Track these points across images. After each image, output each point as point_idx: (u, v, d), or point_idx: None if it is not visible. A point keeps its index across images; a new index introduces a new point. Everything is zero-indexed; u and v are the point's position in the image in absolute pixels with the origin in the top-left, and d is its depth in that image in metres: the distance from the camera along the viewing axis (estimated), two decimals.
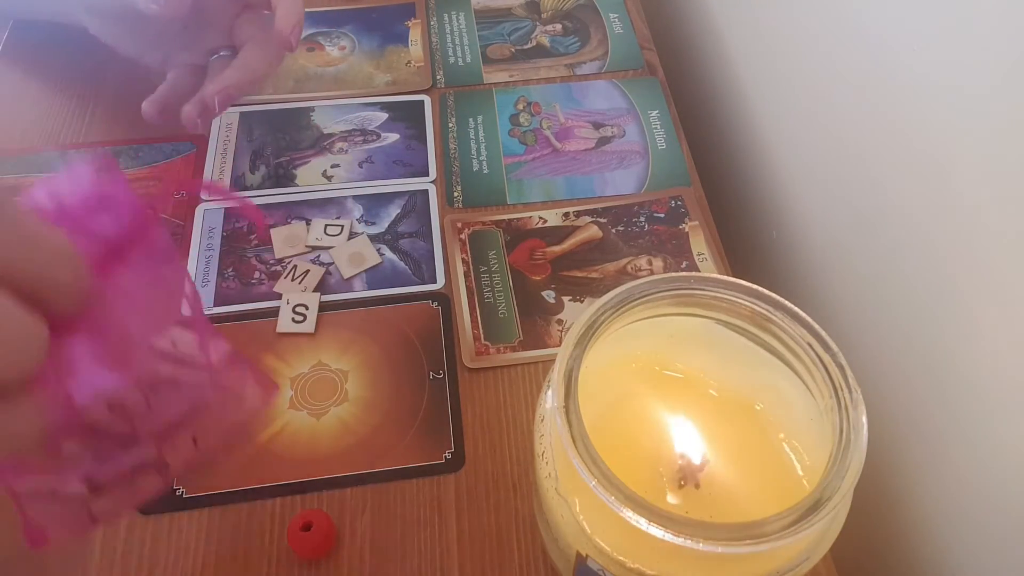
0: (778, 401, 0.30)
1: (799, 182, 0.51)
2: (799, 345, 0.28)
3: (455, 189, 0.52)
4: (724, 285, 0.29)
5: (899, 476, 0.42)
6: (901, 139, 0.39)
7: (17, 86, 0.57)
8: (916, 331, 0.40)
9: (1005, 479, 0.34)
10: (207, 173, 0.52)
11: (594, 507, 0.26)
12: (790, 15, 0.50)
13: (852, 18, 0.42)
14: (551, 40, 0.62)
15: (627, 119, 0.56)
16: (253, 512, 0.39)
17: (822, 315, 0.31)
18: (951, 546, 0.39)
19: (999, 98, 0.32)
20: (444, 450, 0.41)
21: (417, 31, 0.62)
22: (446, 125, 0.56)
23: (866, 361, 0.42)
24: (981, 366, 0.35)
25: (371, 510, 0.39)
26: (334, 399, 0.42)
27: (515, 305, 0.46)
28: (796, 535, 0.24)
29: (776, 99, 0.53)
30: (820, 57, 0.46)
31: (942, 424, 0.38)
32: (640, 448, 0.30)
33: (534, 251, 0.49)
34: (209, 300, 0.46)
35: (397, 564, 0.37)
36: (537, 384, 0.43)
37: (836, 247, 0.47)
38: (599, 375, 0.29)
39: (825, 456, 0.26)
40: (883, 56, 0.40)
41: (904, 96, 0.38)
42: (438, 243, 0.49)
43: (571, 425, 0.26)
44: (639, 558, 0.26)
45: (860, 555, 0.45)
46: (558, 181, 0.53)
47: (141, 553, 0.37)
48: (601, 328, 0.28)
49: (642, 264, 0.48)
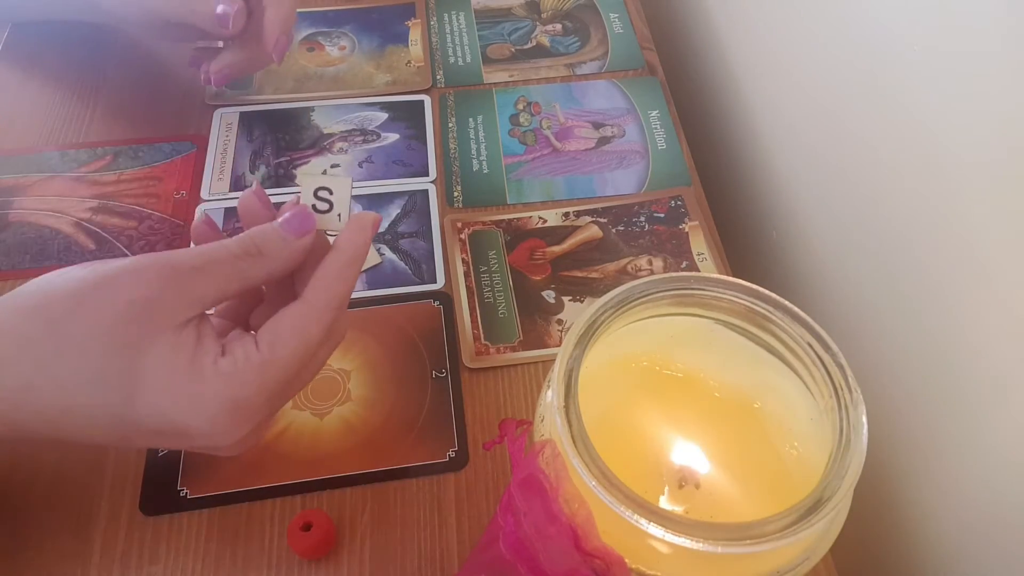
0: (778, 401, 0.30)
1: (799, 182, 0.51)
2: (799, 345, 0.28)
3: (455, 189, 0.52)
4: (724, 285, 0.29)
5: (899, 476, 0.42)
6: (901, 138, 0.39)
7: (17, 86, 0.57)
8: (916, 331, 0.40)
9: (1005, 479, 0.34)
10: (207, 173, 0.52)
11: (594, 507, 0.26)
12: (790, 15, 0.50)
13: (852, 18, 0.42)
14: (551, 40, 0.62)
15: (627, 119, 0.56)
16: (253, 512, 0.39)
17: (822, 315, 0.31)
18: (951, 546, 0.39)
19: (999, 98, 0.32)
20: (447, 449, 0.41)
21: (417, 31, 0.62)
22: (446, 125, 0.56)
23: (866, 361, 0.42)
24: (981, 366, 0.35)
25: (371, 510, 0.39)
26: (337, 399, 0.42)
27: (515, 305, 0.46)
28: (796, 535, 0.24)
29: (776, 99, 0.53)
30: (820, 57, 0.46)
31: (942, 424, 0.38)
32: (640, 448, 0.30)
33: (534, 251, 0.49)
34: None
35: (397, 564, 0.37)
36: (537, 384, 0.43)
37: (836, 247, 0.47)
38: (599, 375, 0.29)
39: (825, 456, 0.26)
40: (883, 56, 0.40)
41: (904, 96, 0.38)
42: (438, 243, 0.49)
43: (571, 425, 0.26)
44: (639, 558, 0.26)
45: (860, 555, 0.45)
46: (558, 181, 0.53)
47: (141, 553, 0.37)
48: (601, 328, 0.28)
49: (642, 264, 0.48)
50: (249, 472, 0.39)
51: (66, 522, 0.38)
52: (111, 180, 0.52)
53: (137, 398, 0.28)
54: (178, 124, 0.55)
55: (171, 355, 0.28)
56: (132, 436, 0.30)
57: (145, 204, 0.51)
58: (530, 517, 0.25)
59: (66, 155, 0.53)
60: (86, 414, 0.29)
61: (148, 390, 0.28)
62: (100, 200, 0.50)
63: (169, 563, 0.37)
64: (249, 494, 0.39)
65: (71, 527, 0.38)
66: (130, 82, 0.58)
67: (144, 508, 0.38)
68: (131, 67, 0.58)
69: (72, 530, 0.38)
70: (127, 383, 0.28)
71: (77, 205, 0.50)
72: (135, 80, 0.58)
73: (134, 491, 0.39)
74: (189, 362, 0.29)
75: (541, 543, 0.25)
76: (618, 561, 0.25)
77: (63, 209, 0.50)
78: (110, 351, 0.28)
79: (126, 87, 0.57)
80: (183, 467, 0.40)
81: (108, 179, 0.52)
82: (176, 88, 0.57)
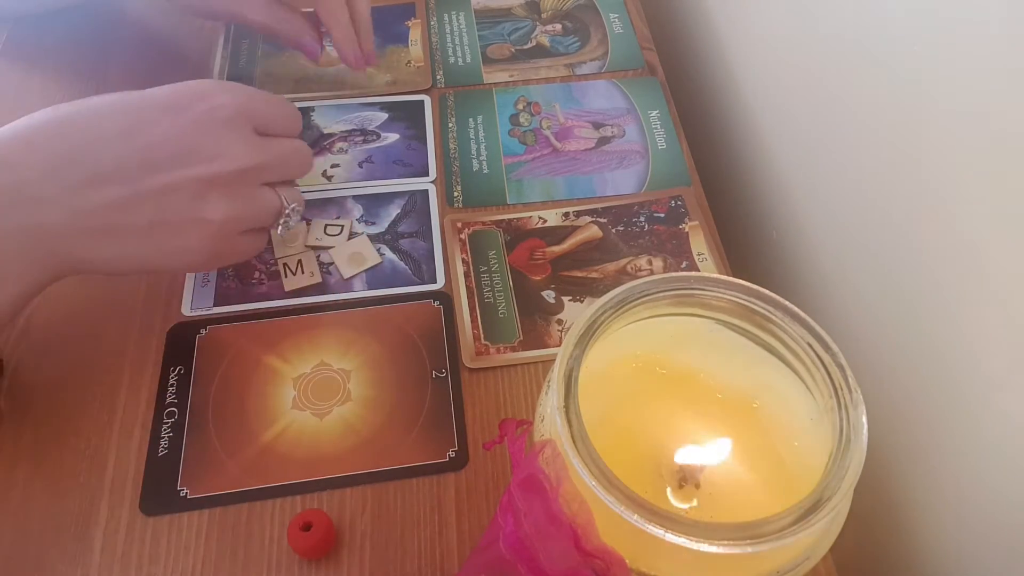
0: (778, 401, 0.30)
1: (799, 182, 0.51)
2: (799, 345, 0.28)
3: (455, 189, 0.52)
4: (724, 285, 0.29)
5: (899, 476, 0.42)
6: (901, 138, 0.39)
7: (18, 85, 0.57)
8: (916, 331, 0.40)
9: (1005, 478, 0.34)
10: None
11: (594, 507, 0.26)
12: (790, 15, 0.50)
13: (852, 17, 0.42)
14: (551, 40, 0.62)
15: (627, 119, 0.56)
16: (253, 512, 0.39)
17: (822, 315, 0.31)
18: (950, 545, 0.39)
19: (1000, 98, 0.32)
20: (447, 449, 0.41)
21: (417, 31, 0.62)
22: (446, 125, 0.56)
23: (866, 361, 0.42)
24: (981, 365, 0.35)
25: (371, 510, 0.39)
26: (337, 399, 0.42)
27: (515, 305, 0.46)
28: (796, 535, 0.24)
29: (776, 99, 0.53)
30: (820, 57, 0.46)
31: (942, 423, 0.38)
32: (640, 448, 0.30)
33: (534, 251, 0.49)
34: (209, 300, 0.46)
35: (397, 564, 0.37)
36: (537, 384, 0.43)
37: (836, 247, 0.47)
38: (599, 375, 0.29)
39: (825, 456, 0.26)
40: (883, 56, 0.40)
41: (904, 95, 0.38)
42: (438, 243, 0.49)
43: (571, 425, 0.26)
44: (639, 558, 0.26)
45: (860, 555, 0.45)
46: (558, 181, 0.53)
47: (141, 553, 0.37)
48: (601, 328, 0.28)
49: (642, 264, 0.48)
50: (249, 472, 0.40)
51: (66, 522, 0.38)
52: None
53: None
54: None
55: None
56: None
57: None
58: (530, 517, 0.25)
59: None
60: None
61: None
62: None
63: (169, 563, 0.37)
64: (249, 494, 0.39)
65: (71, 527, 0.38)
66: (131, 81, 0.57)
67: (144, 508, 0.39)
68: (132, 66, 0.58)
69: (72, 530, 0.38)
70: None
71: None
72: (136, 79, 0.57)
73: (134, 491, 0.39)
74: None
75: (541, 543, 0.25)
76: (618, 561, 0.25)
77: None
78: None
79: (127, 86, 0.57)
80: (183, 467, 0.40)
81: None
82: None
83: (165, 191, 0.38)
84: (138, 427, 0.41)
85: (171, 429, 0.41)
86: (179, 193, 0.38)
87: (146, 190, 0.37)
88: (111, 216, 0.37)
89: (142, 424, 0.41)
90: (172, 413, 0.42)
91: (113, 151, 0.37)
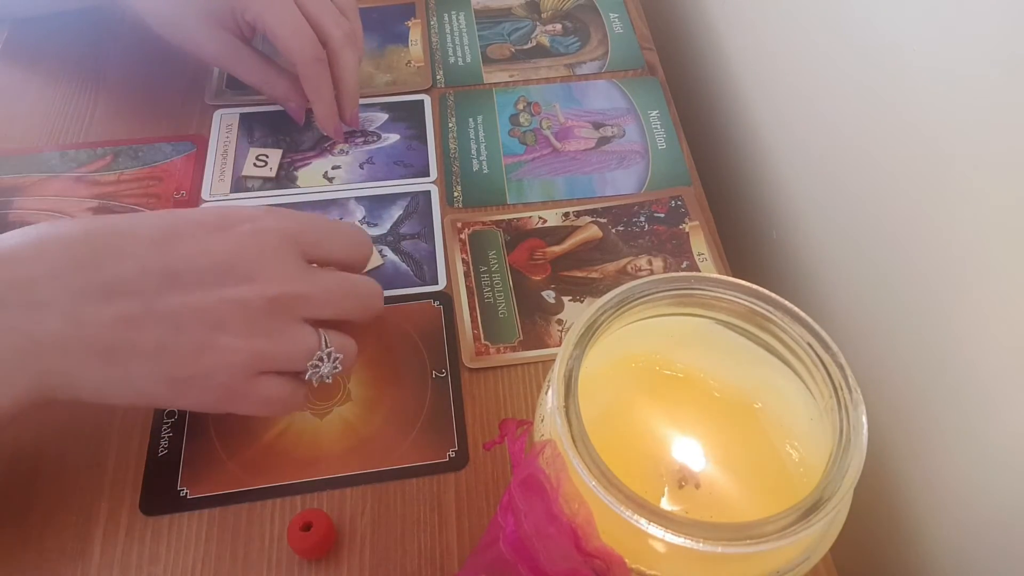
0: (778, 401, 0.30)
1: (799, 182, 0.51)
2: (799, 345, 0.28)
3: (455, 189, 0.52)
4: (724, 285, 0.29)
5: (899, 476, 0.42)
6: (902, 138, 0.39)
7: (17, 86, 0.57)
8: (917, 331, 0.40)
9: (1005, 478, 0.34)
10: (208, 174, 0.52)
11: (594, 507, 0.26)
12: (790, 15, 0.50)
13: (852, 17, 0.42)
14: (551, 40, 0.62)
15: (627, 119, 0.56)
16: (253, 512, 0.39)
17: (822, 315, 0.31)
18: (950, 545, 0.39)
19: (1000, 96, 0.32)
20: (447, 449, 0.41)
21: (417, 31, 0.62)
22: (446, 125, 0.56)
23: (866, 361, 0.42)
24: (982, 365, 0.35)
25: (371, 510, 0.39)
26: (337, 399, 0.42)
27: (515, 305, 0.46)
28: (796, 535, 0.24)
29: (776, 98, 0.53)
30: (820, 56, 0.46)
31: (942, 424, 0.38)
32: (640, 448, 0.30)
33: (534, 251, 0.49)
34: None
35: (397, 564, 0.37)
36: (537, 384, 0.43)
37: (836, 247, 0.47)
38: (599, 375, 0.29)
39: (825, 456, 0.26)
40: (883, 55, 0.40)
41: (904, 95, 0.38)
42: (440, 245, 0.49)
43: (571, 425, 0.26)
44: (639, 558, 0.26)
45: (860, 555, 0.45)
46: (558, 181, 0.53)
47: (141, 553, 0.37)
48: (601, 328, 0.28)
49: (642, 264, 0.48)
50: (249, 472, 0.39)
51: (66, 522, 0.38)
52: (111, 180, 0.52)
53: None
54: (178, 124, 0.55)
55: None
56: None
57: (145, 204, 0.51)
58: (530, 517, 0.25)
59: (66, 155, 0.53)
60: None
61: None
62: (100, 200, 0.51)
63: (169, 563, 0.37)
64: (249, 494, 0.39)
65: (71, 527, 0.38)
66: (130, 82, 0.58)
67: (144, 508, 0.39)
68: (131, 67, 0.58)
69: (72, 530, 0.38)
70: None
71: (77, 205, 0.50)
72: (135, 80, 0.58)
73: (134, 491, 0.39)
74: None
75: (541, 543, 0.25)
76: (618, 561, 0.25)
77: (63, 209, 0.50)
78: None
79: (126, 87, 0.57)
80: (183, 467, 0.40)
81: (108, 179, 0.52)
82: (176, 88, 0.57)
83: (182, 311, 0.33)
84: (138, 427, 0.41)
85: (171, 429, 0.41)
86: (197, 316, 0.33)
87: (161, 307, 0.32)
88: (116, 331, 0.32)
89: (142, 424, 0.41)
90: (172, 413, 0.42)
91: (138, 259, 0.33)
